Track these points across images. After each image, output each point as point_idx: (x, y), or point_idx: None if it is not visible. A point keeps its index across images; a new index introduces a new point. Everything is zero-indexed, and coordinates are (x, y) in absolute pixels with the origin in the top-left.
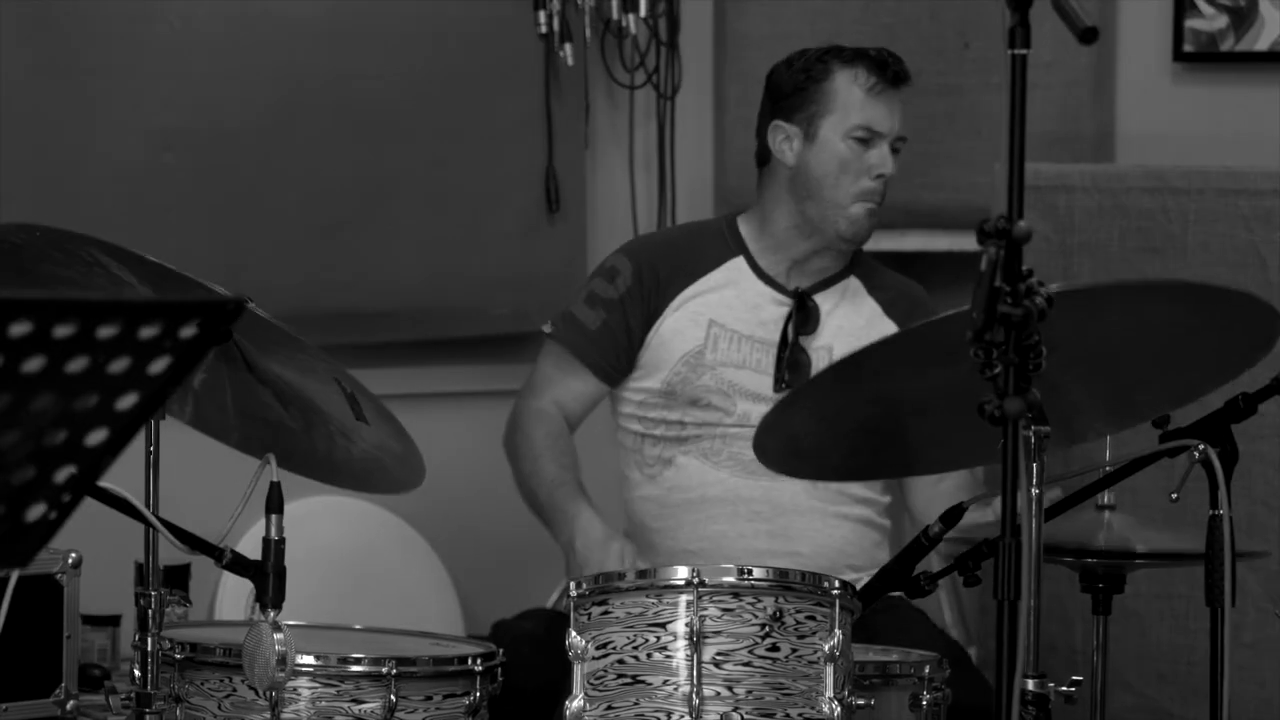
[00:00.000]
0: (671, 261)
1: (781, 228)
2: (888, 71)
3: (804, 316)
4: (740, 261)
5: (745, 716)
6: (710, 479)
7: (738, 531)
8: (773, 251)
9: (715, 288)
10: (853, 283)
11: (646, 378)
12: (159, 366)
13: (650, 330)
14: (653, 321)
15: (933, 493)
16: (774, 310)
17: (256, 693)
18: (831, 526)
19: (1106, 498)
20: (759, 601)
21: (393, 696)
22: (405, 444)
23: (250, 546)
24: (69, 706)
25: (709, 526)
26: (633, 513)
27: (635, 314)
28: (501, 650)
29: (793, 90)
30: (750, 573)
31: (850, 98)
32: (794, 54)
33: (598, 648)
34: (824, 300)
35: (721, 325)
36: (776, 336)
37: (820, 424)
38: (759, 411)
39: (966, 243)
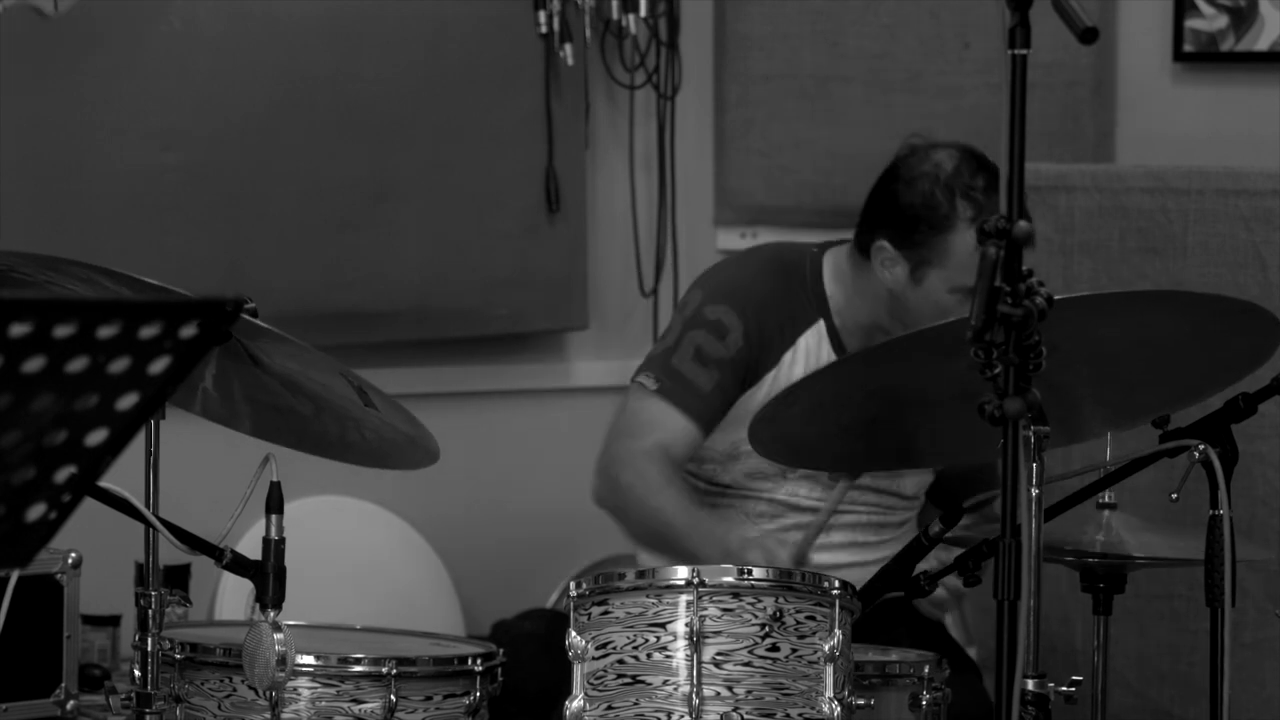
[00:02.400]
0: (773, 322)
1: (865, 318)
2: None
3: None
4: (821, 327)
5: (745, 716)
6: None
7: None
8: (851, 329)
9: (802, 358)
10: None
11: (716, 433)
12: (159, 366)
13: (746, 391)
14: (751, 384)
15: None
16: None
17: (256, 693)
18: (865, 575)
19: (1107, 496)
20: (759, 601)
21: (393, 696)
22: (416, 427)
23: (250, 546)
24: (69, 706)
25: None
26: None
27: (741, 375)
28: (501, 650)
29: (909, 221)
30: (750, 573)
31: (968, 261)
32: (920, 157)
33: (598, 648)
34: None
35: None
36: None
37: (816, 419)
38: (805, 490)
39: None
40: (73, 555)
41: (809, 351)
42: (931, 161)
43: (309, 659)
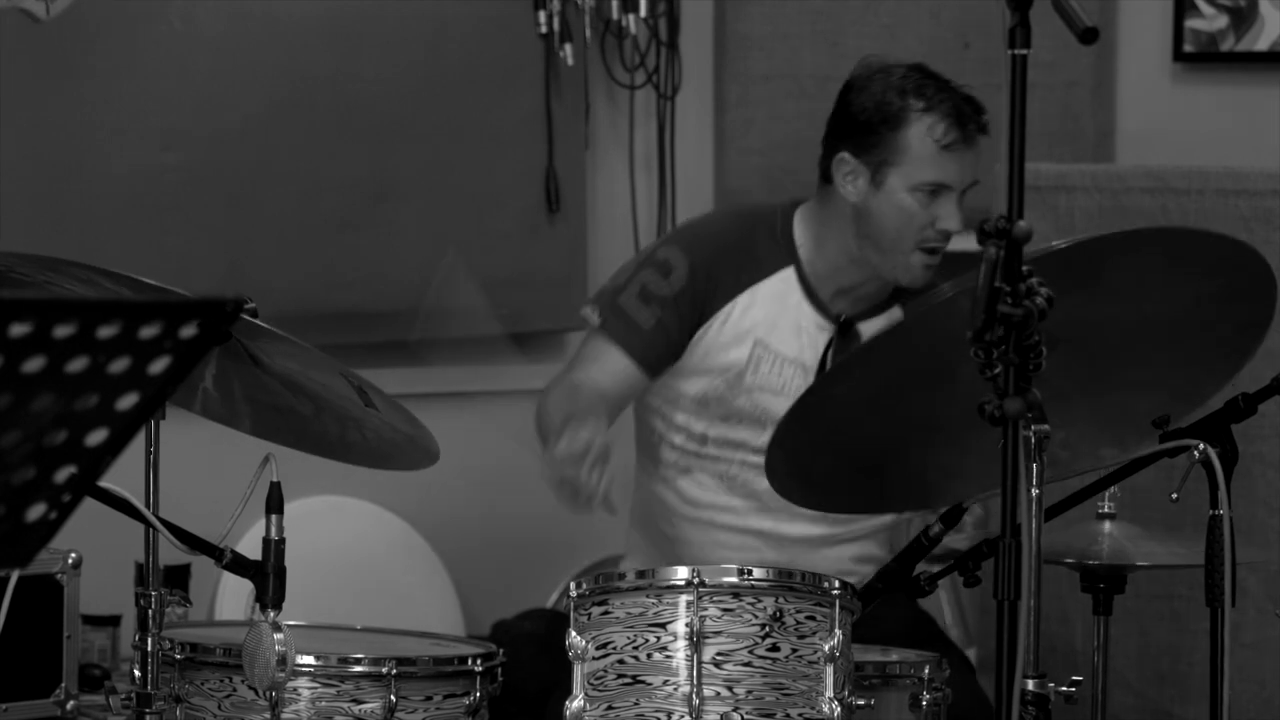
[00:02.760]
0: (726, 263)
1: (834, 252)
2: (967, 127)
3: (845, 345)
4: (790, 274)
5: (745, 717)
6: (722, 503)
7: (742, 559)
8: (823, 272)
9: (764, 300)
10: (896, 312)
11: (683, 381)
12: (159, 366)
13: (697, 332)
14: (700, 324)
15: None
16: (816, 335)
17: (256, 693)
18: (838, 554)
19: (1107, 506)
20: (759, 602)
21: (393, 696)
22: (416, 428)
23: (250, 546)
24: (69, 706)
25: (717, 551)
26: (642, 501)
27: (686, 313)
28: (501, 650)
29: (864, 126)
30: (750, 573)
31: (923, 151)
32: (873, 69)
33: (598, 648)
34: (867, 329)
35: (765, 346)
36: (816, 363)
37: (831, 453)
38: None
39: (966, 243)
40: (73, 555)
41: (775, 296)
42: (883, 72)
43: (309, 659)
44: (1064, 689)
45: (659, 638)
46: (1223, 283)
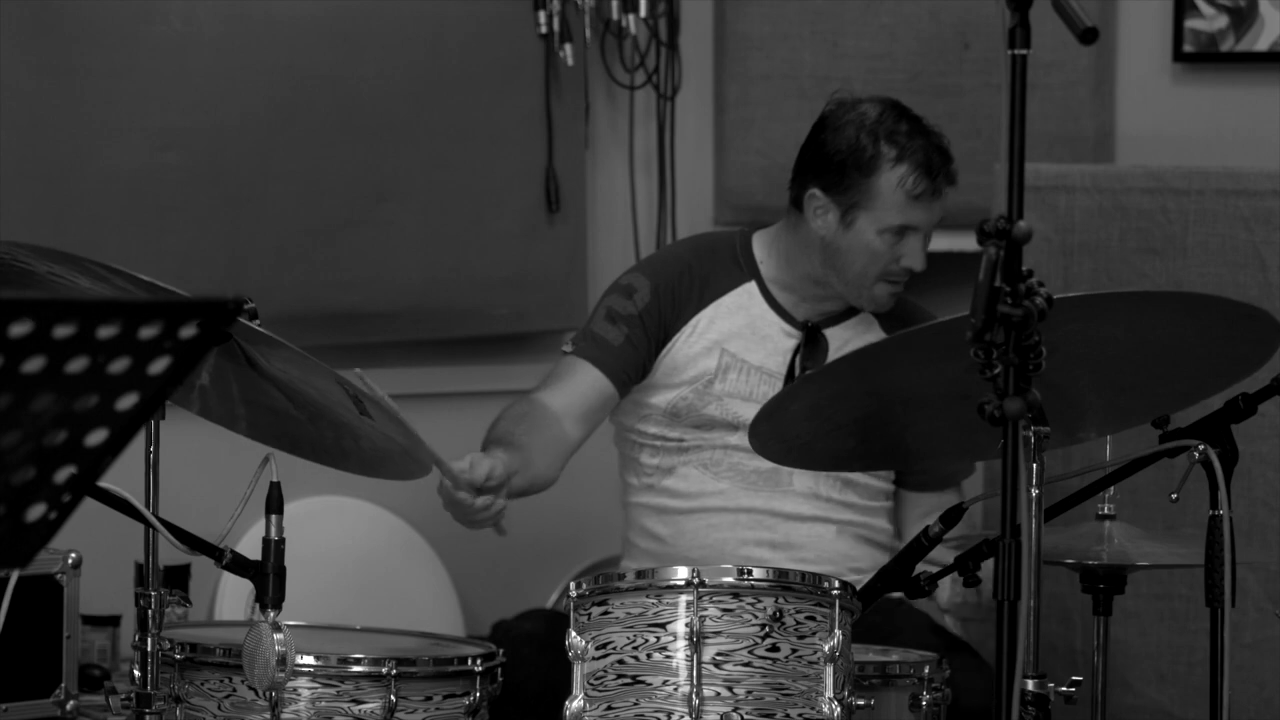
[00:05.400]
0: (686, 282)
1: (800, 274)
2: (936, 179)
3: (811, 350)
4: (752, 286)
5: (745, 717)
6: (710, 489)
7: (739, 539)
8: (786, 286)
9: (728, 313)
10: (865, 318)
11: (653, 395)
12: (159, 366)
13: (664, 348)
14: (666, 340)
15: (916, 515)
16: (783, 341)
17: (256, 693)
18: (835, 532)
19: (1107, 508)
20: (759, 602)
21: (393, 697)
22: (409, 438)
23: (250, 546)
24: (69, 706)
25: (710, 534)
26: (633, 518)
27: (652, 330)
28: (501, 650)
29: (837, 167)
30: (750, 573)
31: (893, 200)
32: (846, 108)
33: (598, 648)
34: (834, 336)
35: (733, 355)
36: (784, 369)
37: (814, 415)
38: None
39: (966, 243)
40: (73, 555)
41: (738, 307)
42: (857, 111)
43: (309, 659)
44: (1064, 689)
45: (659, 638)
46: (1235, 337)
